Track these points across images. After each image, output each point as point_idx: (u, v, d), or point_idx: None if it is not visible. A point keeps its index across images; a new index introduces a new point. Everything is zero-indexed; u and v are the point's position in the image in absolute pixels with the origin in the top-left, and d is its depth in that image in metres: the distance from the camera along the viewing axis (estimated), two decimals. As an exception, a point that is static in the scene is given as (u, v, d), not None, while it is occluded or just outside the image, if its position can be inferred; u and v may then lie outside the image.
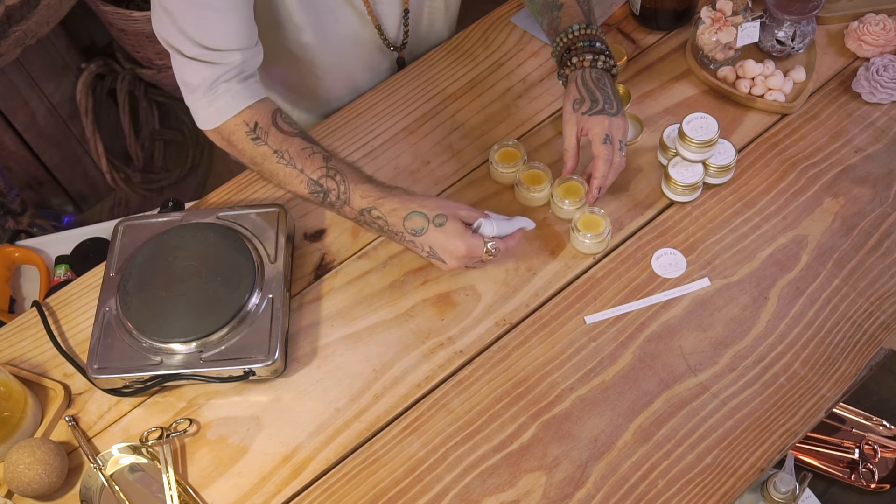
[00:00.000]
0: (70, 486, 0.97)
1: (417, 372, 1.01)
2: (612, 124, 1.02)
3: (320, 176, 1.00)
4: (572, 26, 1.07)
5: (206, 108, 1.02)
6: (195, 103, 1.02)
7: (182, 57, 0.99)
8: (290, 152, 1.01)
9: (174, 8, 0.96)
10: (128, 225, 1.11)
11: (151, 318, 1.00)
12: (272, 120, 1.02)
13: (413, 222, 0.98)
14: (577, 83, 1.05)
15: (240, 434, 0.99)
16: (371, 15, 1.19)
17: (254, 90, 1.03)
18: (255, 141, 1.01)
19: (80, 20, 2.14)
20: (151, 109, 2.29)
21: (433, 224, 0.97)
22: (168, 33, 0.99)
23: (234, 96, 1.01)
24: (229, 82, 1.01)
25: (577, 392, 0.98)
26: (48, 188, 2.13)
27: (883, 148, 1.15)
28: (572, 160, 1.06)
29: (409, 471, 0.95)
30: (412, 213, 0.98)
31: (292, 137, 1.01)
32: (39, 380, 1.04)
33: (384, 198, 0.99)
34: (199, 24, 0.97)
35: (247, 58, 1.01)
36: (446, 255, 0.99)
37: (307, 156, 1.01)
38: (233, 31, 0.99)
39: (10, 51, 1.71)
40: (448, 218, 0.97)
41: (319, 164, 1.00)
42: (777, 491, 1.17)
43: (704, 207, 1.12)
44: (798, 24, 1.20)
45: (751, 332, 1.01)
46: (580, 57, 1.06)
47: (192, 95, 1.02)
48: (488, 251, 0.99)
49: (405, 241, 1.00)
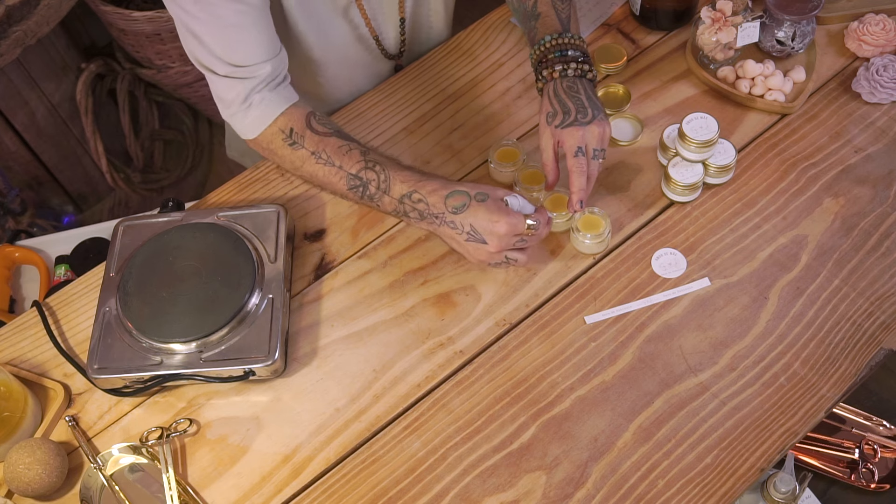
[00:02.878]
0: (70, 486, 0.97)
1: (417, 372, 1.01)
2: (585, 134, 1.01)
3: (359, 169, 1.03)
4: (544, 38, 1.07)
5: (242, 121, 1.06)
6: (232, 117, 1.06)
7: (215, 76, 1.03)
8: (328, 151, 1.04)
9: (200, 31, 0.99)
10: (128, 225, 1.11)
11: (151, 318, 1.00)
12: (307, 123, 1.05)
13: (455, 199, 0.98)
14: (549, 96, 1.05)
15: (240, 434, 0.99)
16: (369, 26, 1.20)
17: (285, 96, 1.06)
18: (292, 146, 1.05)
19: (80, 20, 2.14)
20: (151, 109, 2.29)
21: (475, 200, 0.98)
22: (199, 54, 1.02)
23: (268, 106, 1.05)
24: (261, 92, 1.04)
25: (577, 392, 0.98)
26: (48, 188, 2.13)
27: (883, 148, 1.15)
28: (552, 174, 1.06)
29: (409, 471, 0.95)
30: (454, 192, 0.99)
31: (328, 137, 1.05)
32: (39, 380, 1.04)
33: (424, 180, 1.00)
34: (225, 44, 1.00)
35: (275, 66, 1.04)
36: (487, 233, 0.98)
37: (344, 153, 1.04)
38: (257, 45, 1.02)
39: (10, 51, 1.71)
40: (489, 196, 0.98)
41: (357, 158, 1.03)
42: (777, 491, 1.17)
43: (704, 207, 1.12)
44: (798, 24, 1.20)
45: (751, 332, 1.01)
46: (550, 69, 1.05)
47: (228, 110, 1.06)
48: (530, 226, 0.98)
49: (445, 223, 1.00)
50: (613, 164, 1.17)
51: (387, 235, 1.13)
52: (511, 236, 0.98)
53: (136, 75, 2.19)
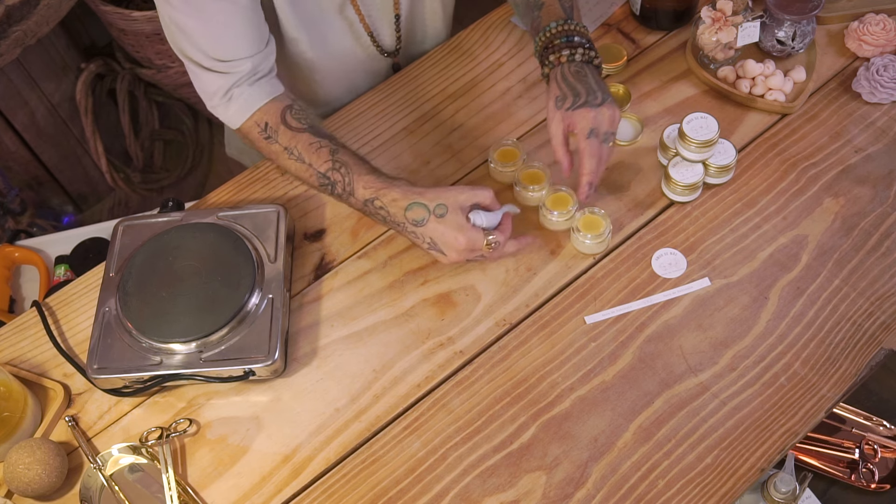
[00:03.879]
0: (70, 486, 0.97)
1: (417, 372, 1.01)
2: (597, 116, 1.00)
3: (327, 169, 1.03)
4: (549, 24, 1.07)
5: (224, 113, 1.08)
6: (214, 109, 1.08)
7: (199, 68, 1.04)
8: (299, 148, 1.05)
9: (185, 24, 1.00)
10: (128, 225, 1.11)
11: (151, 318, 1.00)
12: (281, 118, 1.06)
13: (414, 213, 0.99)
14: (557, 80, 1.04)
15: (240, 434, 0.98)
16: (363, 23, 1.19)
17: (266, 90, 1.07)
18: (267, 140, 1.06)
19: (80, 20, 2.14)
20: (151, 109, 2.29)
21: (434, 214, 0.98)
22: (183, 45, 1.03)
23: (246, 100, 1.06)
24: (241, 87, 1.05)
25: (577, 392, 0.98)
26: (48, 188, 2.13)
27: (883, 148, 1.15)
28: (566, 158, 1.05)
29: (409, 471, 0.95)
30: (413, 204, 0.99)
31: (301, 133, 1.05)
32: (39, 380, 1.04)
33: (386, 188, 1.00)
34: (209, 39, 1.02)
35: (256, 62, 1.05)
36: (446, 247, 0.99)
37: (314, 150, 1.04)
38: (242, 40, 1.03)
39: (10, 51, 1.71)
40: (449, 209, 0.98)
41: (326, 157, 1.03)
42: (777, 491, 1.17)
43: (704, 207, 1.12)
44: (798, 24, 1.20)
45: (751, 332, 1.01)
46: (557, 54, 1.05)
47: (210, 102, 1.07)
48: (489, 243, 0.99)
49: (407, 233, 1.01)
50: (613, 164, 1.17)
51: (387, 235, 1.13)
52: (470, 251, 0.99)
53: (136, 75, 2.19)
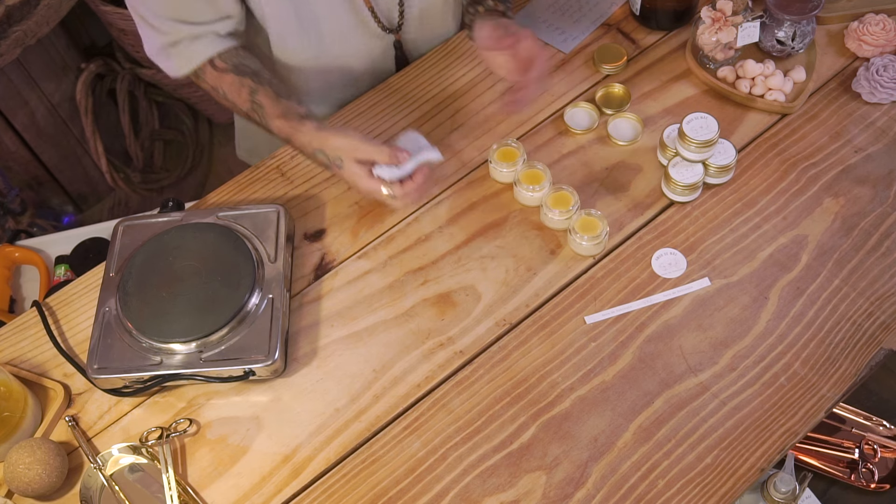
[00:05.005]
0: (70, 486, 0.97)
1: (417, 372, 1.01)
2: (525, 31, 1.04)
3: (248, 109, 1.09)
4: None
5: (164, 63, 1.11)
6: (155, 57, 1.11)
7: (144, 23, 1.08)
8: (223, 88, 1.10)
9: None
10: (128, 225, 1.11)
11: (151, 318, 1.00)
12: (209, 60, 1.10)
13: (318, 160, 1.05)
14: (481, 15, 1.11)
15: (240, 434, 0.99)
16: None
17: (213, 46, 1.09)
18: (198, 80, 1.12)
19: (80, 20, 2.14)
20: (151, 109, 2.29)
21: (334, 164, 1.03)
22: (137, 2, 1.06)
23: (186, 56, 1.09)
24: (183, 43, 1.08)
25: (577, 392, 0.98)
26: (48, 188, 2.13)
27: (883, 148, 1.15)
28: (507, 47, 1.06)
29: (409, 471, 0.95)
30: (318, 151, 1.04)
31: (225, 74, 1.09)
32: (39, 380, 1.04)
33: (295, 132, 1.05)
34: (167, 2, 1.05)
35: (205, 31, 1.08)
36: (355, 189, 1.05)
37: (236, 90, 1.09)
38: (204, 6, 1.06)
39: (10, 51, 1.71)
40: (344, 160, 1.01)
41: (246, 97, 1.08)
42: (777, 491, 1.17)
43: (704, 207, 1.12)
44: (798, 24, 1.20)
45: (751, 332, 1.01)
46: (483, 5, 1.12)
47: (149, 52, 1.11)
48: (387, 195, 1.01)
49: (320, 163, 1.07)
50: (613, 164, 1.17)
51: (387, 235, 1.13)
52: (372, 198, 1.03)
53: (136, 75, 2.19)
